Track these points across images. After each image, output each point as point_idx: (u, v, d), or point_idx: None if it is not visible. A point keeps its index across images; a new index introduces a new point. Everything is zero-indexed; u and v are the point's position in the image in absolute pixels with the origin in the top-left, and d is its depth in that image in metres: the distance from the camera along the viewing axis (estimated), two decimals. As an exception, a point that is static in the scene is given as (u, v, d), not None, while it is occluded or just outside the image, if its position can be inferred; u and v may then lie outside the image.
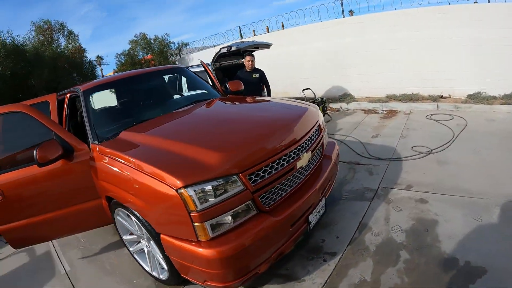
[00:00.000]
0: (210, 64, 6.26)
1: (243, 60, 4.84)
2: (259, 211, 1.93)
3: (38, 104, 3.11)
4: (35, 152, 2.20)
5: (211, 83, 3.94)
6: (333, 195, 3.26)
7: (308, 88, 6.72)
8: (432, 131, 4.69)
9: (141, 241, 2.43)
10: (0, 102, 7.57)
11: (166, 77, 4.00)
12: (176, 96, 3.80)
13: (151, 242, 2.14)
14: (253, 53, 4.78)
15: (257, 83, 5.04)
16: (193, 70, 5.65)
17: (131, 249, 2.59)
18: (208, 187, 1.72)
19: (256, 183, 1.88)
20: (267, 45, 6.44)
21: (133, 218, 2.16)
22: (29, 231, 2.66)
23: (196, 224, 1.72)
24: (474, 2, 5.80)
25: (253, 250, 1.82)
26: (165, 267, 2.15)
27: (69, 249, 3.19)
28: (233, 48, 5.76)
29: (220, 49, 5.98)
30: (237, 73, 4.93)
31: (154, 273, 2.41)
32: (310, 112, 2.59)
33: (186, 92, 4.51)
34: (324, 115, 6.37)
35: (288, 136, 2.13)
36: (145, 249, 2.40)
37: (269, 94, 5.30)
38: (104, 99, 3.50)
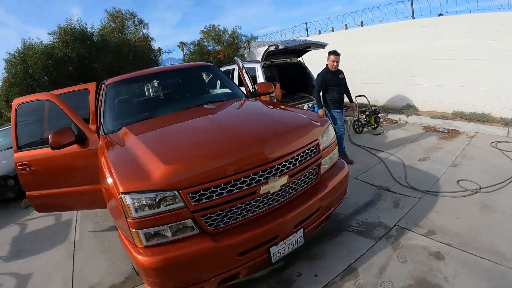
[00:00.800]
0: (260, 61, 6.16)
1: (326, 59, 4.27)
2: (202, 231, 1.79)
3: (79, 91, 3.53)
4: (49, 136, 2.46)
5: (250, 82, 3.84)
6: (340, 221, 2.88)
7: (362, 95, 6.01)
8: (492, 163, 3.69)
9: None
10: (68, 83, 8.80)
11: (195, 74, 3.96)
12: (194, 95, 3.64)
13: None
14: (338, 53, 4.24)
15: (345, 86, 4.44)
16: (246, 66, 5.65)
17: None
18: (146, 198, 1.69)
19: (200, 202, 1.73)
20: (321, 46, 5.98)
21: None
22: (50, 200, 3.08)
23: (131, 229, 1.73)
24: None
25: (186, 268, 1.74)
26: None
27: (86, 221, 3.61)
28: (280, 47, 5.51)
29: (269, 46, 5.79)
30: (320, 75, 4.30)
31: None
32: (303, 130, 2.20)
33: (218, 90, 4.52)
34: (376, 127, 5.66)
35: (254, 155, 1.86)
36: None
37: (350, 99, 4.58)
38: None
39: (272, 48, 5.65)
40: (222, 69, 7.56)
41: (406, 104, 6.64)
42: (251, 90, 3.63)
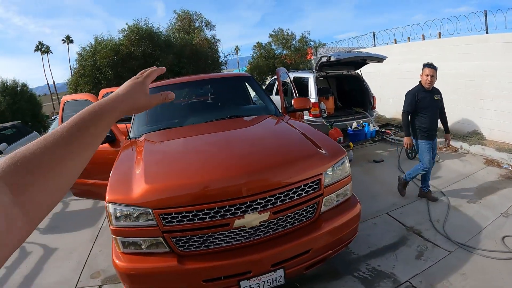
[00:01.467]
0: (313, 72, 5.99)
1: (420, 74, 3.53)
2: (172, 250, 1.82)
3: None
4: None
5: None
6: (349, 262, 2.61)
7: None
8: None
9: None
10: (131, 77, 9.55)
11: (231, 85, 3.98)
12: (224, 106, 3.65)
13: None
14: (434, 66, 3.49)
15: (441, 109, 3.57)
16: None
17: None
18: (124, 210, 1.79)
19: (171, 224, 1.75)
20: (379, 59, 5.52)
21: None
22: (83, 188, 3.50)
23: (112, 235, 1.87)
24: None
25: (152, 281, 1.83)
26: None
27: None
28: (332, 58, 5.24)
29: (321, 57, 5.57)
30: (410, 93, 3.53)
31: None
32: (301, 163, 2.00)
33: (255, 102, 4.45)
34: (432, 153, 4.99)
35: (235, 186, 1.79)
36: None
37: (446, 128, 3.73)
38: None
39: (324, 59, 5.42)
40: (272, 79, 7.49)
41: (472, 130, 5.72)
42: (286, 105, 3.51)
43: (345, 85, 6.83)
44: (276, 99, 6.43)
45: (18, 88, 15.00)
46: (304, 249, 1.94)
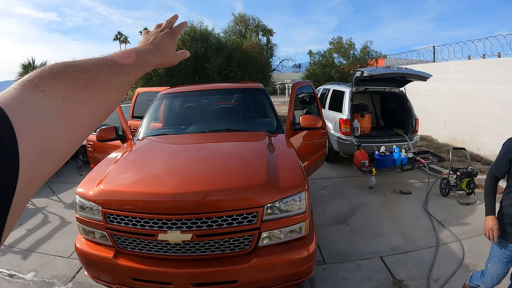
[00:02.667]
0: (350, 86, 5.71)
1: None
2: (112, 245, 2.05)
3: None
4: (96, 130, 3.16)
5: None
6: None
7: (462, 149, 4.58)
8: None
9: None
10: (182, 75, 10.11)
11: (241, 96, 4.10)
12: (227, 118, 3.77)
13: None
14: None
15: None
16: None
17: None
18: (84, 203, 2.10)
19: (112, 223, 1.99)
20: (421, 77, 4.94)
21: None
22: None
23: (76, 221, 2.21)
24: None
25: (96, 266, 2.13)
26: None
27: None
28: (365, 74, 4.89)
29: (355, 71, 5.24)
30: (506, 145, 2.07)
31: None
32: (239, 194, 1.97)
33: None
34: (468, 193, 4.28)
35: (167, 202, 1.90)
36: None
37: None
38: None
39: (358, 74, 5.09)
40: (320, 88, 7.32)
41: None
42: (296, 122, 3.40)
43: (389, 103, 6.27)
44: (325, 113, 6.19)
45: None
46: (229, 279, 1.93)
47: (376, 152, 4.79)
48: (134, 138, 3.25)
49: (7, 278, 2.96)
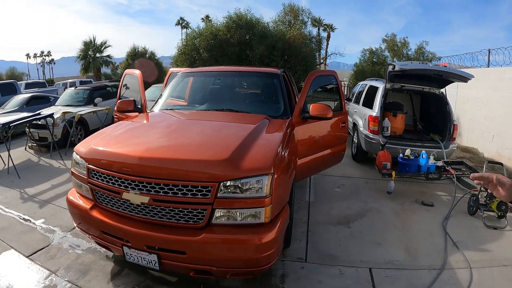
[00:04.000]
0: (383, 82, 5.36)
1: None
2: (91, 198, 2.31)
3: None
4: (116, 101, 3.62)
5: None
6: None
7: (499, 164, 3.97)
8: None
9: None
10: (225, 61, 10.43)
11: (254, 80, 4.18)
12: (237, 99, 3.83)
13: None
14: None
15: None
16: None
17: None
18: (78, 158, 2.39)
19: (92, 178, 2.25)
20: (461, 77, 4.39)
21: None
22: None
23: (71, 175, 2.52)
24: None
25: (78, 215, 2.43)
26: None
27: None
28: (396, 68, 4.48)
29: (388, 65, 4.83)
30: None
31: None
32: (195, 165, 2.01)
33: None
34: (499, 216, 3.74)
35: (135, 165, 2.05)
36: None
37: None
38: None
39: (390, 68, 4.70)
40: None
41: None
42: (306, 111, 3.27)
43: (430, 105, 5.69)
44: (359, 109, 6.19)
45: (147, 55, 18.42)
46: (178, 248, 2.00)
47: (400, 155, 4.40)
48: (149, 109, 3.55)
49: (20, 221, 3.49)
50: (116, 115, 4.34)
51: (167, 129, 2.65)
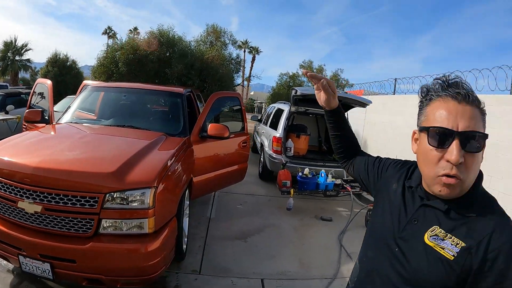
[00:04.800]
0: (289, 104, 6.49)
1: None
2: None
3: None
4: (26, 111, 4.19)
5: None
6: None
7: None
8: None
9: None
10: (143, 77, 11.84)
11: (157, 98, 5.02)
12: (138, 116, 4.51)
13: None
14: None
15: None
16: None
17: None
18: None
19: None
20: (360, 103, 5.77)
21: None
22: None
23: None
24: None
25: None
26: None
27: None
28: (298, 92, 5.68)
29: (292, 89, 6.06)
30: None
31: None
32: (83, 176, 2.54)
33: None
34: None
35: (24, 174, 2.49)
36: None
37: None
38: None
39: (293, 92, 5.86)
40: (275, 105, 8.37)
41: None
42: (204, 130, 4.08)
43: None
44: (266, 130, 7.40)
45: (68, 63, 19.85)
46: (67, 257, 2.48)
47: (299, 174, 5.46)
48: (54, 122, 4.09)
49: None
50: (25, 125, 4.69)
51: (66, 142, 3.22)
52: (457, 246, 0.90)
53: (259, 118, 10.45)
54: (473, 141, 0.89)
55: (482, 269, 0.86)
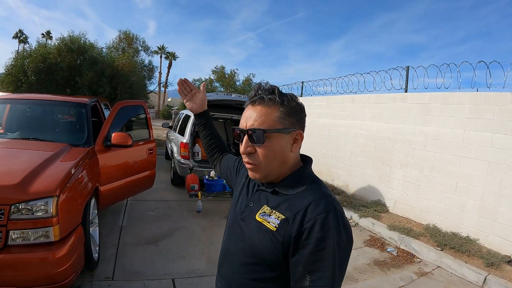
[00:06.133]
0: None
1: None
2: None
3: None
4: None
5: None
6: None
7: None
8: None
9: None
10: (52, 86, 11.46)
11: (61, 109, 4.98)
12: (43, 128, 4.52)
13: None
14: None
15: None
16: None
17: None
18: None
19: None
20: (238, 102, 6.54)
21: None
22: None
23: None
24: None
25: None
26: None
27: None
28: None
29: None
30: None
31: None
32: None
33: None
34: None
35: None
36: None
37: None
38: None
39: None
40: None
41: (377, 199, 6.55)
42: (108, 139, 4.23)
43: None
44: (175, 136, 7.63)
45: None
46: None
47: (206, 177, 5.89)
48: None
49: None
50: None
51: None
52: (278, 218, 1.07)
53: (170, 125, 10.64)
54: (255, 135, 1.10)
55: (300, 237, 1.00)
